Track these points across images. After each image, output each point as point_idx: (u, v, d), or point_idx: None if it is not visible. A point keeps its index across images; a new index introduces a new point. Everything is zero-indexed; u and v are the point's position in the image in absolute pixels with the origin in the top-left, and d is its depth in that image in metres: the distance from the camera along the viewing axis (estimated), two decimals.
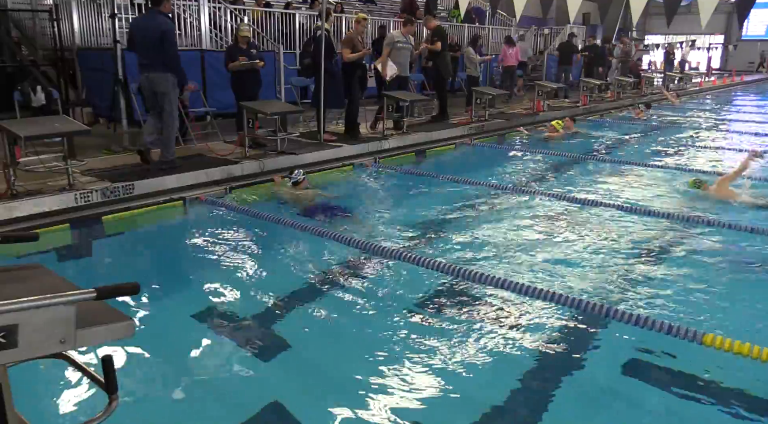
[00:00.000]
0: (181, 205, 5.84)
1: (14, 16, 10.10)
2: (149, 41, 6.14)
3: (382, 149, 8.50)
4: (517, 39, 18.28)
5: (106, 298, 1.54)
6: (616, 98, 16.07)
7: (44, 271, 1.89)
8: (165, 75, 6.20)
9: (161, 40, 6.08)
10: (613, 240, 5.15)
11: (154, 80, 6.22)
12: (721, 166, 8.30)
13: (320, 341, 3.45)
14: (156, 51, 6.13)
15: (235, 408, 2.76)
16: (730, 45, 34.19)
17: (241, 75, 7.58)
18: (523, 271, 4.44)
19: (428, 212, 6.01)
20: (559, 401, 2.90)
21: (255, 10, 11.51)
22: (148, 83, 6.30)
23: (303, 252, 4.97)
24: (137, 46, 6.38)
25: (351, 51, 8.45)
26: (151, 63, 6.21)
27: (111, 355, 1.66)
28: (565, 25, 18.27)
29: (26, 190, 5.25)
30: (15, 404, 1.67)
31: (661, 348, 3.30)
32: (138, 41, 6.35)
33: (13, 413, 1.66)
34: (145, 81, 6.33)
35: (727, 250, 4.92)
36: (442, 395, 2.89)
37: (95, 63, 8.86)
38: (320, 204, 6.14)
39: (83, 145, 6.88)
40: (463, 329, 3.56)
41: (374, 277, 4.38)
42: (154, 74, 6.21)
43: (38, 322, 1.43)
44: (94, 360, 2.83)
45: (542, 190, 6.61)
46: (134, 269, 4.53)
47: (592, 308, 3.64)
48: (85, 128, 5.77)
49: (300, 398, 2.85)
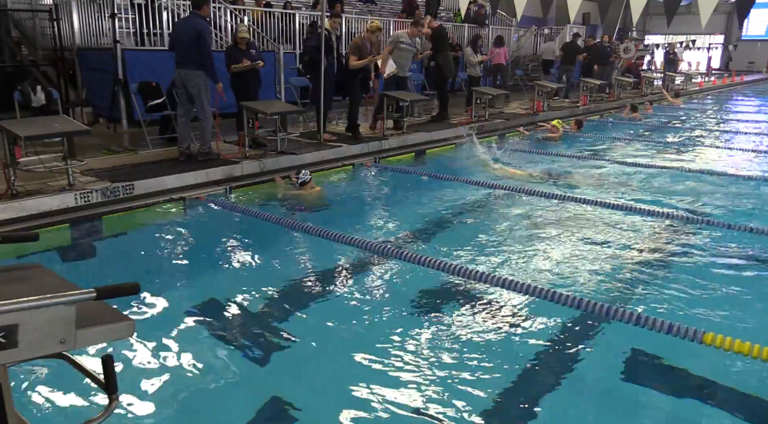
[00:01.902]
0: (181, 205, 5.84)
1: (14, 16, 10.10)
2: (185, 40, 6.59)
3: (382, 149, 8.50)
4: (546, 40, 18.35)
5: (106, 298, 1.54)
6: (617, 98, 16.08)
7: (44, 271, 1.89)
8: (197, 72, 6.61)
9: (197, 40, 6.51)
10: (613, 240, 5.15)
11: (187, 76, 6.64)
12: (719, 165, 8.31)
13: (320, 341, 3.44)
14: (191, 49, 6.56)
15: (235, 408, 2.76)
16: (730, 45, 34.19)
17: (241, 75, 7.58)
18: (523, 270, 4.44)
19: (428, 211, 6.01)
20: (559, 401, 2.90)
21: (255, 10, 11.51)
22: (180, 79, 6.73)
23: (303, 252, 4.97)
24: (174, 44, 6.82)
25: (358, 58, 8.44)
26: (184, 60, 6.64)
27: (111, 355, 1.65)
28: (565, 25, 18.26)
29: (26, 190, 5.25)
30: (15, 404, 1.67)
31: (661, 348, 3.29)
32: (175, 39, 6.84)
33: (13, 413, 1.66)
34: (178, 77, 6.77)
35: (727, 249, 4.92)
36: (441, 395, 2.89)
37: (95, 63, 8.86)
38: (321, 204, 6.14)
39: (83, 145, 6.88)
40: (463, 328, 3.56)
41: (374, 276, 4.38)
42: (187, 71, 6.63)
43: (38, 322, 1.43)
44: (94, 360, 2.83)
45: (542, 190, 6.61)
46: (134, 268, 4.53)
47: (592, 307, 3.64)
48: (85, 128, 5.78)
49: (299, 398, 2.85)
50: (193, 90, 6.68)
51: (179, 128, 7.00)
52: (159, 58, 8.56)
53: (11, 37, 9.79)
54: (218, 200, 5.99)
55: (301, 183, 6.27)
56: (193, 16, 6.75)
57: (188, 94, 6.75)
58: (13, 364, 1.59)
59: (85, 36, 9.45)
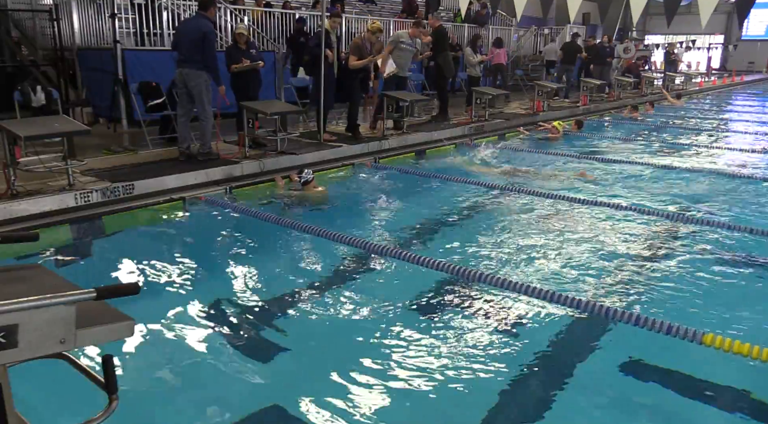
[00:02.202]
0: (181, 205, 5.84)
1: (14, 16, 10.11)
2: (189, 40, 6.61)
3: (382, 149, 8.50)
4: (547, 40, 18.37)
5: (106, 298, 1.54)
6: (617, 98, 16.08)
7: (44, 271, 1.90)
8: (199, 72, 6.63)
9: (202, 41, 6.54)
10: (613, 240, 5.15)
11: (189, 76, 6.65)
12: (719, 165, 8.32)
13: (320, 341, 3.45)
14: (195, 50, 6.58)
15: (235, 408, 2.76)
16: (730, 45, 34.17)
17: (241, 75, 7.58)
18: (522, 271, 4.44)
19: (428, 211, 6.01)
20: (558, 401, 2.90)
21: (255, 10, 11.51)
22: (181, 78, 6.73)
23: (303, 252, 4.97)
24: (178, 43, 6.83)
25: (357, 58, 8.44)
26: (187, 59, 6.65)
27: (111, 355, 1.66)
28: (565, 25, 18.26)
29: (26, 190, 5.25)
30: (15, 404, 1.67)
31: (661, 348, 3.29)
32: (179, 39, 6.85)
33: (13, 413, 1.66)
34: (179, 76, 6.76)
35: (727, 249, 4.92)
36: (441, 395, 2.89)
37: (95, 63, 8.87)
38: (321, 204, 6.14)
39: (83, 145, 6.88)
40: (463, 328, 3.56)
41: (374, 276, 4.38)
42: (189, 70, 6.64)
43: (38, 322, 1.43)
44: (95, 360, 2.83)
45: (542, 191, 6.61)
46: (134, 268, 4.53)
47: (592, 308, 3.64)
48: (85, 128, 5.79)
49: (299, 398, 2.85)
50: (194, 90, 6.68)
51: (179, 128, 6.99)
52: (159, 58, 8.57)
53: (11, 37, 9.80)
54: (218, 200, 5.99)
55: (304, 182, 6.27)
56: (199, 17, 6.79)
57: (189, 94, 6.75)
58: (13, 364, 1.59)
59: (85, 36, 9.46)
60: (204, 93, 6.71)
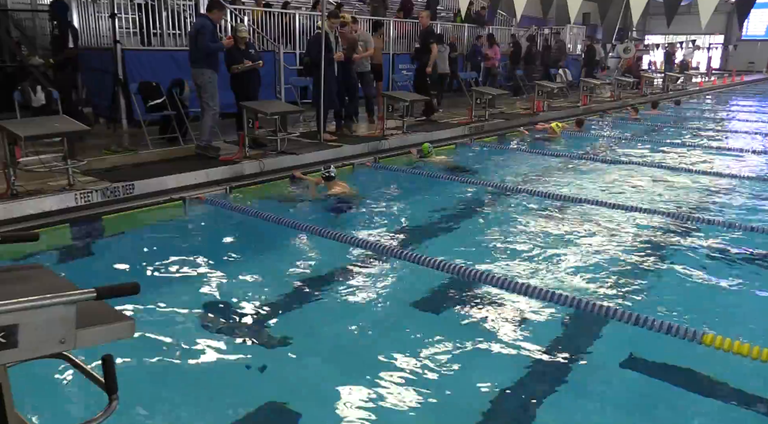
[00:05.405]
0: (181, 206, 5.84)
1: (14, 16, 10.10)
2: (190, 40, 7.08)
3: (382, 149, 8.50)
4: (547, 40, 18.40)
5: (106, 298, 1.54)
6: (617, 98, 16.07)
7: (44, 271, 1.89)
8: (202, 70, 6.91)
9: (195, 37, 6.86)
10: (613, 240, 5.16)
11: (194, 74, 7.03)
12: (719, 165, 8.32)
13: (320, 341, 3.45)
14: (195, 48, 6.91)
15: (235, 408, 2.76)
16: (730, 45, 34.15)
17: (241, 75, 7.58)
18: (522, 270, 4.44)
19: (428, 211, 6.01)
20: (558, 401, 2.91)
21: (255, 10, 11.51)
22: (193, 78, 7.13)
23: (303, 252, 4.97)
24: None
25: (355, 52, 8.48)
26: (191, 58, 7.04)
27: (111, 355, 1.65)
28: (566, 25, 18.25)
29: (26, 190, 5.25)
30: (15, 404, 1.67)
31: (661, 348, 3.29)
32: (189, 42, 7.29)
33: (13, 413, 1.66)
34: (191, 76, 7.17)
35: (727, 249, 4.92)
36: (441, 395, 2.89)
37: (95, 63, 8.85)
38: (321, 204, 6.14)
39: (83, 145, 6.89)
40: (463, 328, 3.56)
41: (374, 276, 4.38)
42: (194, 69, 7.00)
43: (38, 322, 1.43)
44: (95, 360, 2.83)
45: (542, 190, 6.61)
46: (134, 268, 4.52)
47: (592, 307, 3.64)
48: (85, 128, 5.78)
49: (298, 398, 2.85)
50: (200, 87, 6.98)
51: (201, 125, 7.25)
52: (159, 58, 8.56)
53: (11, 37, 9.79)
54: (218, 200, 5.99)
55: (327, 178, 6.23)
56: (200, 17, 7.14)
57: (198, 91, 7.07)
58: (13, 364, 1.59)
59: (85, 36, 9.44)
60: (207, 89, 6.94)
